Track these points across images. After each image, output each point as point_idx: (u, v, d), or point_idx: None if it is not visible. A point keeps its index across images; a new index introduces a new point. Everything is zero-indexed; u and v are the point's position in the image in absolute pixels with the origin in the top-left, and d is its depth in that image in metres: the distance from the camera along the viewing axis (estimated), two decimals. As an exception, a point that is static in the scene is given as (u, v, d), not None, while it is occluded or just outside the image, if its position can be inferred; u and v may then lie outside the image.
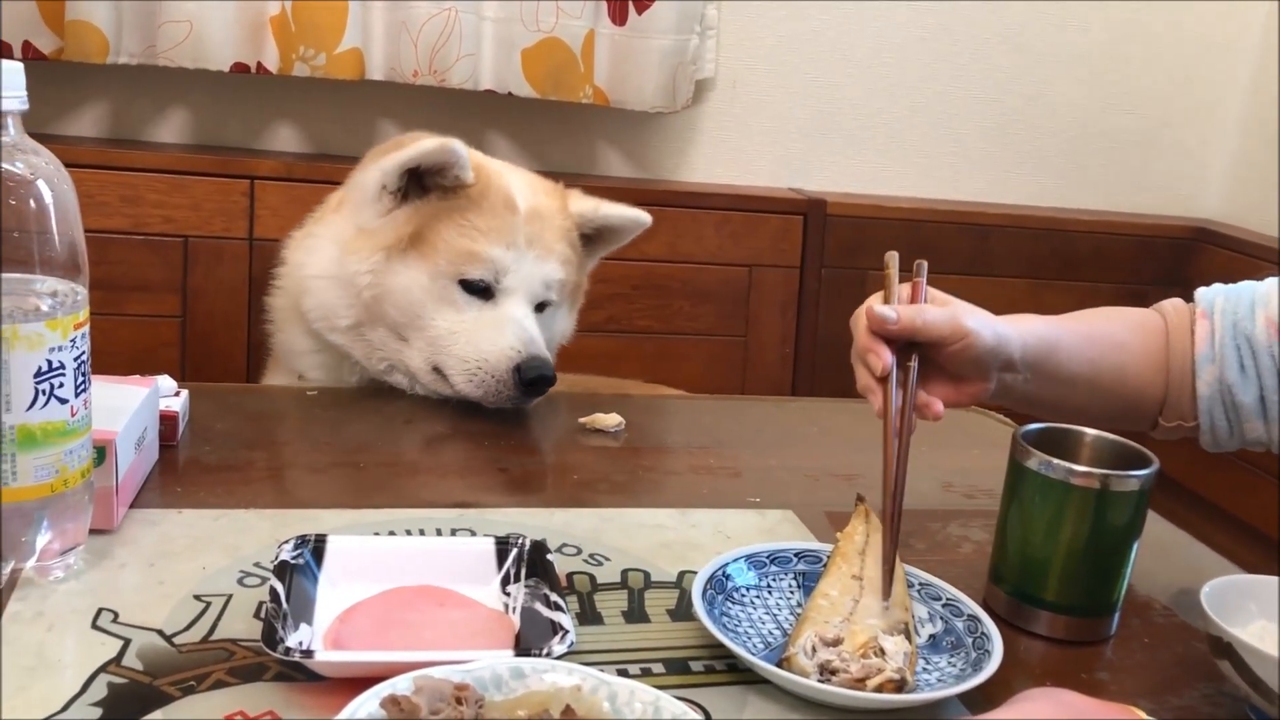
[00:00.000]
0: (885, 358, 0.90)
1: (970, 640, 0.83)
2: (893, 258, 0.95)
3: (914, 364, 0.91)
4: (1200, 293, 1.07)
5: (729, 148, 2.22)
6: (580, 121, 2.15)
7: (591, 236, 1.43)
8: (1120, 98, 2.35)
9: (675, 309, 2.04)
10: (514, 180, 1.37)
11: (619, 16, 2.01)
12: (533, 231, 1.32)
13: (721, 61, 2.16)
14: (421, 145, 1.28)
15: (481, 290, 1.29)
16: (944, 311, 0.92)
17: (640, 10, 2.00)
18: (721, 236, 2.05)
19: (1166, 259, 2.22)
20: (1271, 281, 1.03)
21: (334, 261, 1.30)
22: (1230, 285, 1.06)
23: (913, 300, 0.94)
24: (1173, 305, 1.08)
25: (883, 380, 0.90)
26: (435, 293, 1.27)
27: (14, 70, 0.78)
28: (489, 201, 1.31)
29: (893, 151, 2.28)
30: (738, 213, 2.05)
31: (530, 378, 1.25)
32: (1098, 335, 1.05)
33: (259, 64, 1.88)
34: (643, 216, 1.44)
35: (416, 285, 1.27)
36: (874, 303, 0.92)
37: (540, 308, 1.34)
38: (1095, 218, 2.27)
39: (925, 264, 0.95)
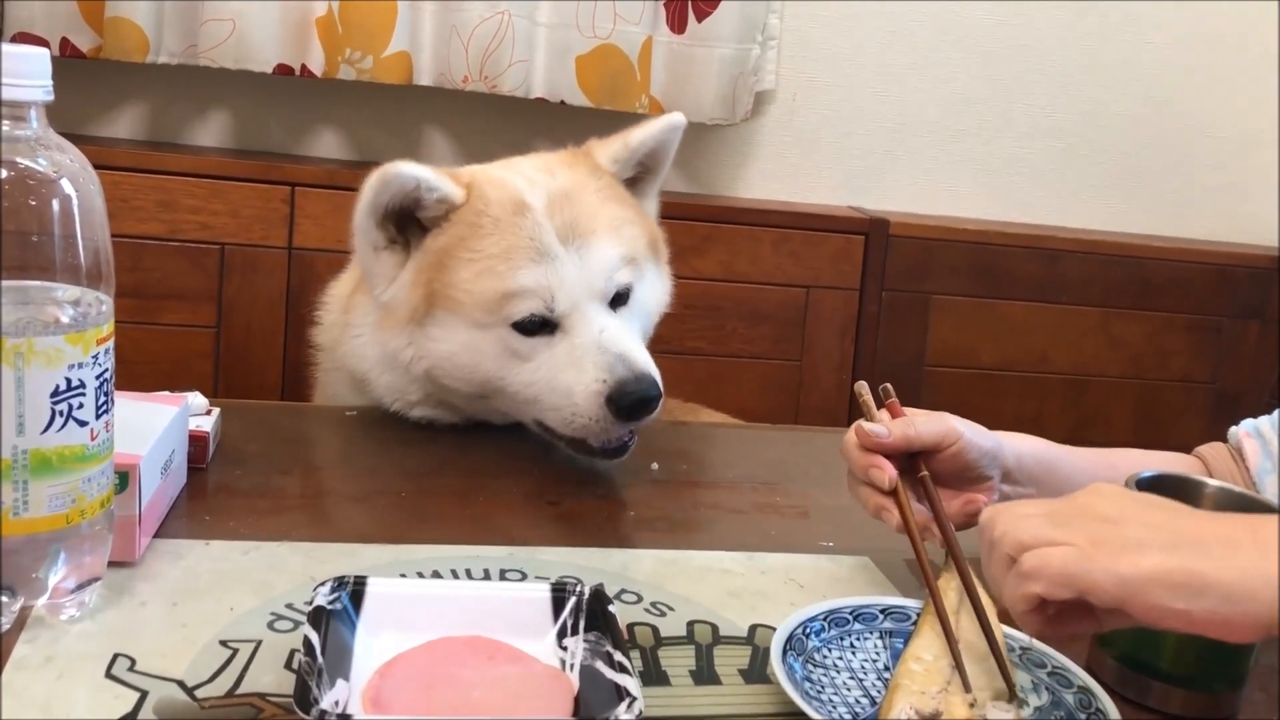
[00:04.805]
0: (889, 469, 0.89)
1: (1084, 717, 0.74)
2: (863, 386, 0.94)
3: (925, 472, 0.90)
4: (1233, 429, 1.05)
5: (788, 163, 2.13)
6: (633, 133, 2.07)
7: (637, 176, 1.24)
8: (1198, 120, 2.24)
9: (729, 330, 1.95)
10: (517, 172, 1.18)
11: (678, 23, 1.93)
12: (562, 222, 1.12)
13: (782, 73, 2.07)
14: (368, 185, 1.10)
15: (541, 324, 1.11)
16: (933, 417, 0.92)
17: (700, 17, 1.92)
18: (779, 256, 1.96)
19: (1247, 290, 2.11)
20: None
21: (376, 345, 1.16)
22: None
23: (894, 418, 0.92)
24: (1209, 446, 1.05)
25: (891, 494, 0.89)
26: (488, 348, 1.11)
27: (39, 57, 0.71)
28: (490, 215, 1.12)
29: (959, 170, 2.18)
30: (796, 231, 1.96)
31: (627, 404, 1.07)
32: (1106, 458, 1.00)
33: (303, 66, 1.82)
34: (675, 118, 1.22)
35: (462, 347, 1.12)
36: (862, 423, 0.91)
37: (618, 299, 1.15)
38: (1171, 244, 2.16)
39: (890, 386, 0.95)
